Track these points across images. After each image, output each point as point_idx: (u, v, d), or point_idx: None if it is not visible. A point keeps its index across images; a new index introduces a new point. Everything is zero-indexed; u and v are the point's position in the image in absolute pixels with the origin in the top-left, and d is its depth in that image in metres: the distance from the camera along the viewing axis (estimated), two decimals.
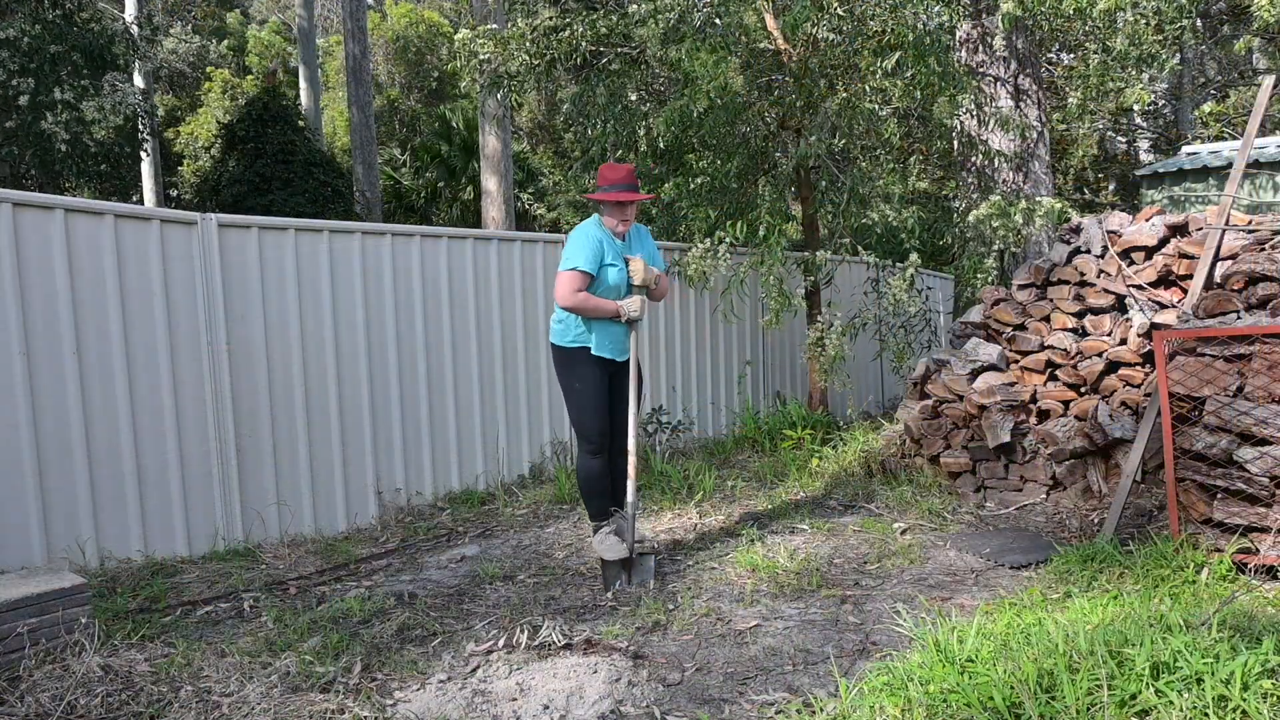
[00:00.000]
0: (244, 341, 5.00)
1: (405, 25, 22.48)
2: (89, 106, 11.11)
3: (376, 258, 5.58)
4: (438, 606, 3.99)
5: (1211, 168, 9.62)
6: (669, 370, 7.46)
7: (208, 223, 4.87)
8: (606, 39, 6.94)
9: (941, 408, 5.90)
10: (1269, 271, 4.50)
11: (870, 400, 9.24)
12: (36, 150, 10.20)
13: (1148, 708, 2.24)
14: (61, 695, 2.88)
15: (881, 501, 5.59)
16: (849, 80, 6.95)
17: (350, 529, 5.41)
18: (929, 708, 2.40)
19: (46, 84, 9.97)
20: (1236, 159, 4.97)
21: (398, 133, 22.78)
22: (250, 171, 12.07)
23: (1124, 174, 17.57)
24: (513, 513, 5.70)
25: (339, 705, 2.93)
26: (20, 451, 4.19)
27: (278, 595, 4.19)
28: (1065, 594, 3.77)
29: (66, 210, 4.35)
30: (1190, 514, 4.14)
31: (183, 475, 4.76)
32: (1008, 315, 5.98)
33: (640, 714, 2.91)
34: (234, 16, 26.84)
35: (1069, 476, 5.34)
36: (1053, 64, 12.13)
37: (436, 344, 5.91)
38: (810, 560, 4.47)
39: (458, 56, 7.73)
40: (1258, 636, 2.53)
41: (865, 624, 3.66)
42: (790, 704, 2.87)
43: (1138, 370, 5.25)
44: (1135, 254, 5.52)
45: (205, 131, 18.87)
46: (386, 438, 5.64)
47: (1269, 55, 14.55)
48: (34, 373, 4.24)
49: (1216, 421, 4.10)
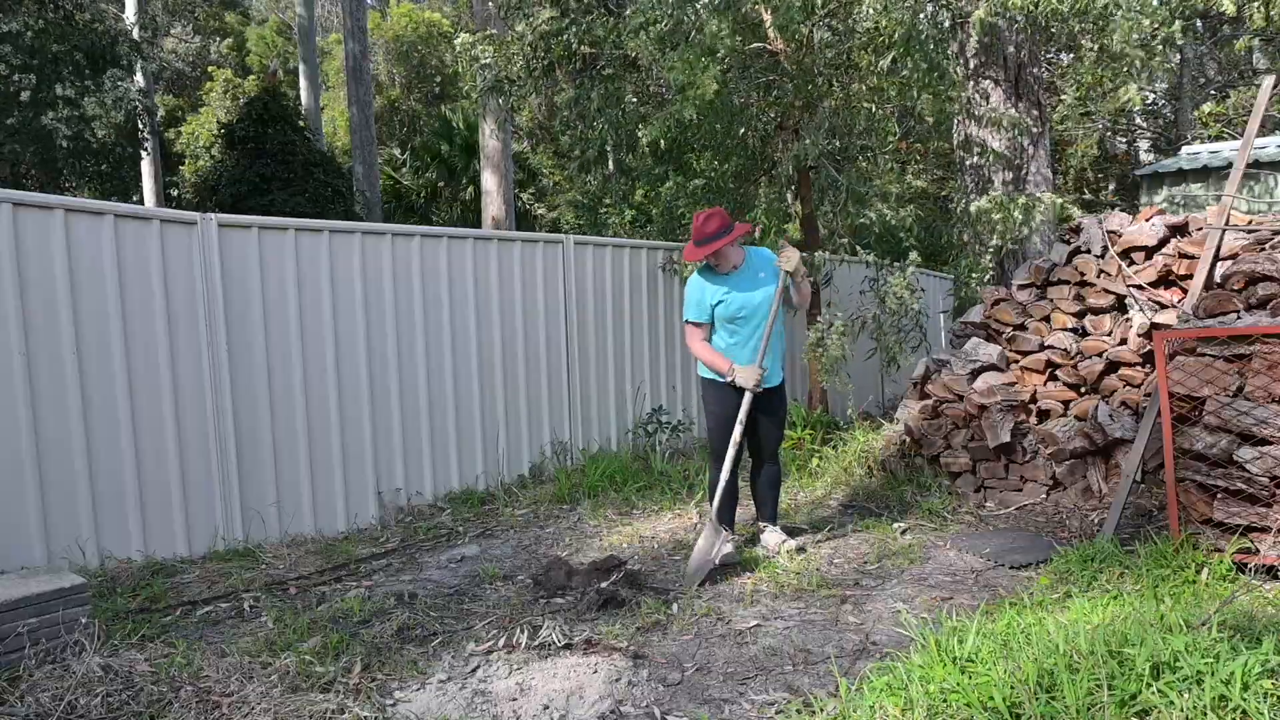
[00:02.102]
0: (244, 341, 5.00)
1: (405, 25, 22.48)
2: (90, 103, 11.10)
3: (376, 257, 5.58)
4: (438, 606, 3.99)
5: (1211, 168, 9.62)
6: (669, 370, 7.46)
7: (208, 223, 4.87)
8: (602, 43, 6.94)
9: (941, 408, 5.90)
10: (1269, 271, 4.50)
11: (870, 400, 9.23)
12: (38, 148, 10.20)
13: (1148, 708, 2.24)
14: (61, 695, 2.88)
15: (881, 501, 5.59)
16: (846, 80, 6.95)
17: (350, 529, 5.41)
18: (929, 707, 2.39)
19: (48, 81, 9.97)
20: (1236, 159, 4.97)
21: (398, 133, 22.79)
22: (250, 171, 12.06)
23: (1124, 174, 17.57)
24: (513, 513, 5.70)
25: (339, 705, 2.93)
26: (20, 451, 4.19)
27: (278, 595, 4.19)
28: (1065, 594, 3.77)
29: (66, 210, 4.35)
30: (1190, 514, 4.13)
31: (183, 475, 4.76)
32: (1008, 315, 5.98)
33: (640, 714, 2.90)
34: (233, 16, 26.83)
35: (1069, 476, 5.34)
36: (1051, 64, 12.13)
37: (436, 344, 5.91)
38: (810, 560, 4.47)
39: (459, 61, 7.74)
40: (1258, 636, 2.53)
41: (865, 624, 3.66)
42: (790, 704, 2.87)
43: (1138, 370, 5.25)
44: (1135, 254, 5.51)
45: (206, 131, 18.86)
46: (386, 438, 5.64)
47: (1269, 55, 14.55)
48: (34, 373, 4.24)
49: (1216, 421, 4.10)
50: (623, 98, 7.14)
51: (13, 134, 9.96)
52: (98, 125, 12.16)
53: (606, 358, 7.00)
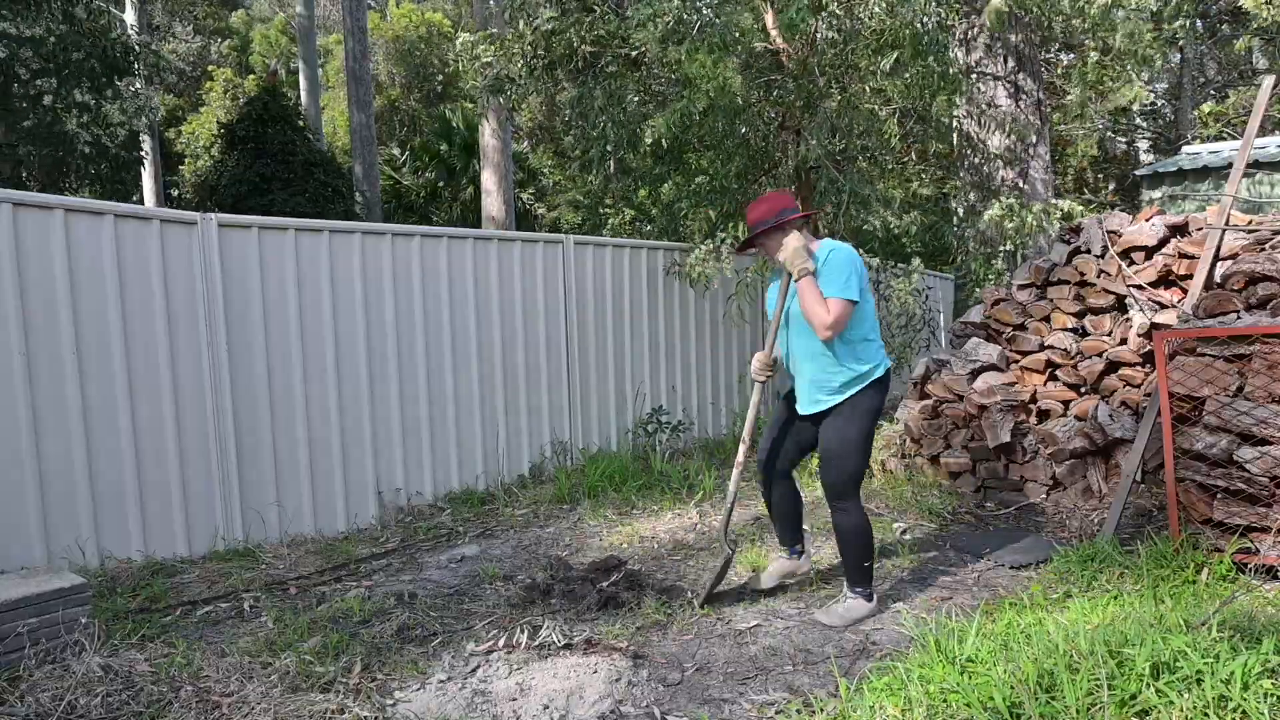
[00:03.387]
0: (244, 341, 5.00)
1: (405, 25, 22.47)
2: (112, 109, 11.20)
3: (376, 257, 5.58)
4: (438, 606, 3.99)
5: (1211, 168, 9.61)
6: (669, 370, 7.46)
7: (208, 223, 4.87)
8: (605, 41, 6.93)
9: (942, 408, 5.90)
10: (1269, 271, 4.50)
11: None
12: (54, 150, 10.25)
13: (1148, 708, 2.24)
14: (61, 695, 2.88)
15: (881, 501, 5.59)
16: (848, 80, 6.95)
17: (350, 529, 5.41)
18: (929, 707, 2.39)
19: (67, 85, 10.04)
20: (1236, 159, 4.97)
21: (398, 133, 22.78)
22: (250, 171, 12.05)
23: (1124, 174, 17.56)
24: (513, 513, 5.70)
25: (339, 705, 2.93)
26: (20, 451, 4.19)
27: (278, 595, 4.19)
28: (1065, 594, 3.77)
29: (66, 210, 4.35)
30: (1190, 514, 4.13)
31: (183, 475, 4.76)
32: (1008, 315, 5.98)
33: (640, 714, 2.90)
34: (238, 16, 26.82)
35: (1069, 476, 5.34)
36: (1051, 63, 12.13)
37: (436, 344, 5.91)
38: (810, 560, 4.46)
39: (460, 60, 7.73)
40: (1258, 636, 2.53)
41: (865, 624, 3.65)
42: (790, 704, 2.87)
43: (1138, 370, 5.25)
44: (1135, 254, 5.52)
45: (206, 131, 18.85)
46: (386, 438, 5.64)
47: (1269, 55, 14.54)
48: (34, 373, 4.24)
49: (1216, 421, 4.10)
50: (625, 96, 7.14)
51: (25, 136, 10.00)
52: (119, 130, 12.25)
53: (606, 358, 7.00)
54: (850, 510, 3.62)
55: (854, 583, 3.71)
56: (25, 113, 9.97)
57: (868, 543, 3.67)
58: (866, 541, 3.67)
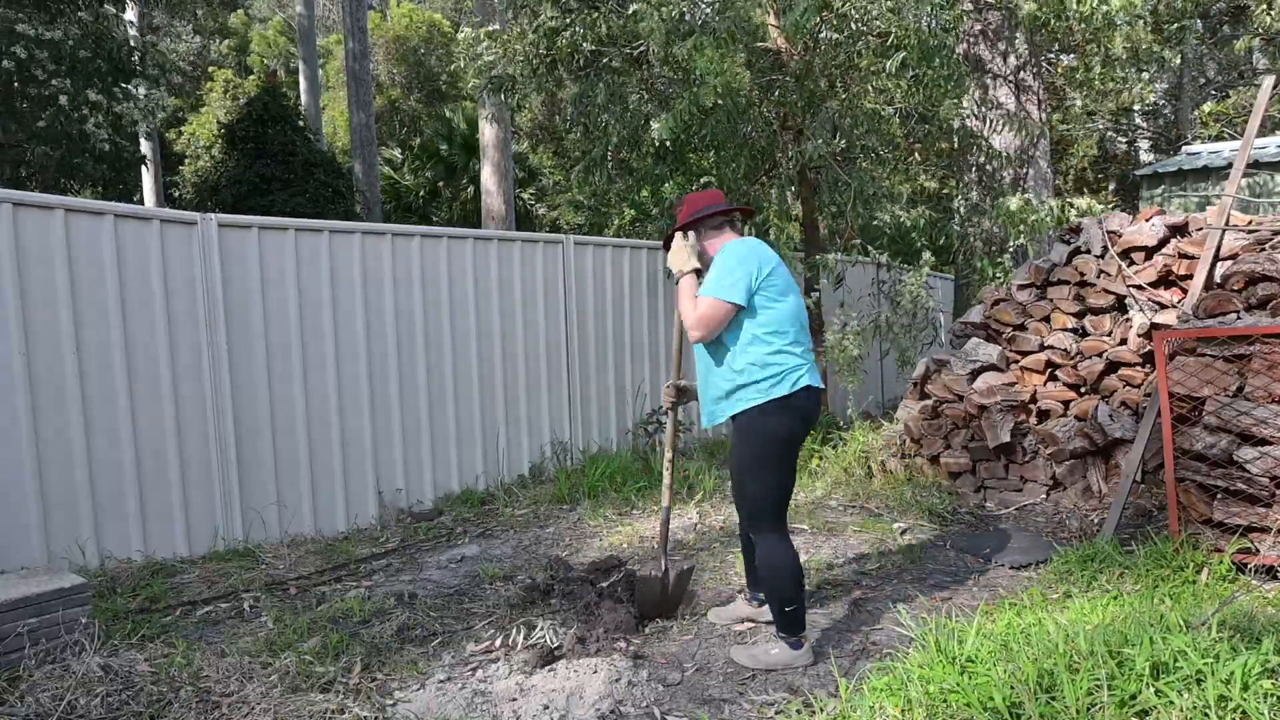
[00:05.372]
0: (244, 341, 5.00)
1: (406, 26, 22.47)
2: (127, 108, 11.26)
3: (376, 257, 5.58)
4: (438, 606, 3.99)
5: (1211, 168, 9.61)
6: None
7: (208, 223, 4.87)
8: (609, 39, 6.92)
9: (941, 408, 5.90)
10: (1269, 271, 4.50)
11: (870, 400, 9.23)
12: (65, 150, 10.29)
13: (1148, 708, 2.24)
14: (61, 695, 2.88)
15: (881, 501, 5.59)
16: (850, 80, 6.94)
17: (350, 529, 5.41)
18: (929, 708, 2.39)
19: (81, 87, 10.09)
20: (1236, 159, 4.97)
21: (398, 133, 22.77)
22: (250, 171, 12.05)
23: (1124, 174, 17.56)
24: (512, 513, 5.70)
25: (339, 705, 2.93)
26: (20, 451, 4.19)
27: (278, 595, 4.19)
28: (1065, 594, 3.77)
29: (66, 210, 4.35)
30: (1190, 514, 4.13)
31: (183, 475, 4.76)
32: (1008, 315, 5.98)
33: (640, 714, 2.90)
34: (238, 16, 26.82)
35: (1069, 476, 5.34)
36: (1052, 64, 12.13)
37: (436, 344, 5.91)
38: (810, 560, 4.47)
39: (461, 56, 7.72)
40: (1258, 636, 2.53)
41: (865, 624, 3.65)
42: (790, 704, 2.87)
43: (1138, 370, 5.25)
44: (1135, 254, 5.52)
45: (206, 131, 18.85)
46: (386, 438, 5.64)
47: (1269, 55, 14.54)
48: (34, 373, 4.24)
49: (1216, 421, 4.10)
50: (627, 95, 7.13)
51: (36, 135, 10.03)
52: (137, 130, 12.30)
53: (606, 358, 6.99)
54: (768, 542, 3.14)
55: (779, 626, 3.22)
56: (38, 113, 10.01)
57: (789, 583, 3.11)
58: (787, 581, 3.11)
